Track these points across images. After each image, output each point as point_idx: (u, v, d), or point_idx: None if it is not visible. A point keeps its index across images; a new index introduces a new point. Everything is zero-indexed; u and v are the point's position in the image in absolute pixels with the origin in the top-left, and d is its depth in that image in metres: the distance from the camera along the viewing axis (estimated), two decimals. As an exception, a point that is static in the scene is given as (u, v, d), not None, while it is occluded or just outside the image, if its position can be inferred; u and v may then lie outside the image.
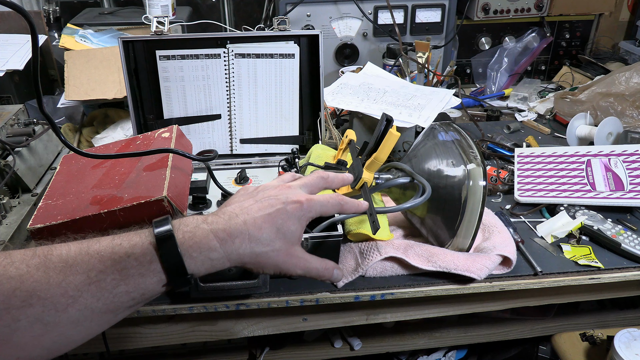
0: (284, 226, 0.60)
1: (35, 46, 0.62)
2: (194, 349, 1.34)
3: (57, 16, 1.76)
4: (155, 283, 0.54)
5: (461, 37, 1.76)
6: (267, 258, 0.60)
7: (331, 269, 0.68)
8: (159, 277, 0.54)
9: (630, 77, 1.36)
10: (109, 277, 0.52)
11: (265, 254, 0.59)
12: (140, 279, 0.53)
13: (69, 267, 0.51)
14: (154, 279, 0.54)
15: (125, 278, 0.52)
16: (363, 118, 1.25)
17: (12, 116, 1.20)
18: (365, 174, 0.82)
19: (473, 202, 0.86)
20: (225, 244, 0.57)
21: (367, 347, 1.35)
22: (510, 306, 1.04)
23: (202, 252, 0.56)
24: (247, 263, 0.60)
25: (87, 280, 0.51)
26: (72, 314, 0.50)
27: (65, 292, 0.50)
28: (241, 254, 0.58)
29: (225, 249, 0.57)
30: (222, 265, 0.58)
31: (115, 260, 0.52)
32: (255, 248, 0.59)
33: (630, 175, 1.05)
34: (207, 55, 1.11)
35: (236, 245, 0.57)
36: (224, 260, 0.58)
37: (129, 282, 0.52)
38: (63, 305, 0.50)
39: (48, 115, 0.70)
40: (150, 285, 0.54)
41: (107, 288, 0.52)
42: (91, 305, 0.51)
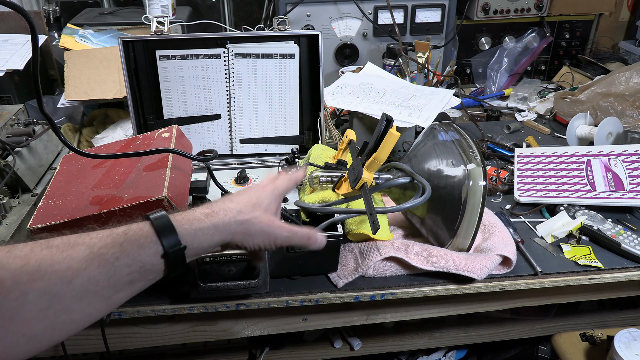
0: (259, 200, 0.67)
1: (35, 46, 0.63)
2: (194, 349, 1.34)
3: (57, 16, 1.76)
4: (153, 254, 0.57)
5: (461, 37, 1.76)
6: (252, 224, 0.64)
7: (314, 234, 0.71)
8: (155, 248, 0.57)
9: (630, 77, 1.36)
10: (109, 251, 0.55)
11: (249, 221, 0.64)
12: (139, 249, 0.56)
13: (71, 247, 0.54)
14: (151, 250, 0.57)
15: (125, 250, 0.55)
16: (363, 118, 1.25)
17: (12, 116, 1.20)
18: (365, 174, 0.82)
19: (473, 202, 0.86)
20: (210, 216, 0.62)
21: (367, 347, 1.35)
22: (510, 306, 1.04)
23: (192, 224, 0.60)
24: (235, 233, 0.63)
25: (90, 255, 0.54)
26: (76, 287, 0.52)
27: (70, 266, 0.52)
28: (227, 223, 0.62)
29: (210, 219, 0.61)
30: (212, 237, 0.61)
31: (114, 237, 0.56)
32: (238, 216, 0.63)
33: (630, 175, 1.05)
34: (207, 55, 1.11)
35: (221, 216, 0.62)
36: (213, 231, 0.61)
37: (128, 253, 0.55)
38: (69, 277, 0.52)
39: (48, 115, 0.70)
40: (148, 257, 0.57)
41: (109, 261, 0.54)
42: (94, 278, 0.53)
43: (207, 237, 0.61)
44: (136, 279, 0.57)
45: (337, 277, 0.91)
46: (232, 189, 1.00)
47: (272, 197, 0.69)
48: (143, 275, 0.57)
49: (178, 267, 0.59)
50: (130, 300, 0.85)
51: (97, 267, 0.54)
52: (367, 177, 0.82)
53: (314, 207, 0.88)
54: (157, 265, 0.58)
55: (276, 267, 0.88)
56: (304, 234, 0.69)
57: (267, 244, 0.66)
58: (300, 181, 0.79)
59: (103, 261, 0.54)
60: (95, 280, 0.53)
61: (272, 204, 0.68)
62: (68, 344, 0.92)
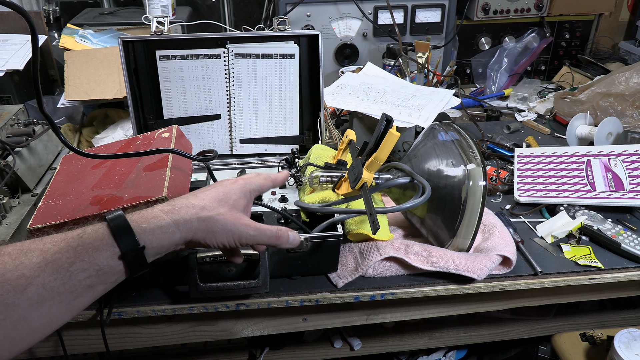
0: (226, 195, 0.65)
1: (35, 46, 0.62)
2: (194, 349, 1.34)
3: (57, 16, 1.76)
4: (109, 256, 0.55)
5: (461, 37, 1.76)
6: (215, 222, 0.62)
7: (285, 232, 0.69)
8: (112, 249, 0.55)
9: (630, 77, 1.36)
10: (63, 255, 0.53)
11: (212, 218, 0.62)
12: (94, 253, 0.54)
13: (24, 254, 0.53)
14: (107, 252, 0.55)
15: (79, 254, 0.54)
16: (363, 118, 1.25)
17: (12, 116, 1.20)
18: (365, 174, 0.82)
19: (473, 202, 0.86)
20: (171, 213, 0.60)
21: (367, 347, 1.35)
22: (510, 306, 1.04)
23: (150, 222, 0.58)
24: (197, 231, 0.61)
25: (44, 261, 0.52)
26: (31, 294, 0.51)
27: (22, 274, 0.51)
28: (187, 220, 0.60)
29: (171, 217, 0.60)
30: (172, 233, 0.59)
31: (68, 241, 0.54)
32: (200, 213, 0.61)
33: (630, 175, 1.05)
34: (207, 55, 1.11)
35: (182, 213, 0.60)
36: (173, 228, 0.59)
37: (83, 257, 0.54)
38: (22, 285, 0.51)
39: (48, 115, 0.70)
40: (105, 259, 0.55)
41: (63, 266, 0.53)
42: (49, 285, 0.52)
43: (166, 236, 0.59)
44: (95, 283, 0.55)
45: (337, 277, 0.91)
46: (232, 189, 1.00)
47: (241, 193, 0.67)
48: (102, 278, 0.56)
49: (139, 267, 0.58)
50: (130, 300, 0.86)
51: (52, 273, 0.52)
52: (367, 177, 0.82)
53: (314, 207, 0.88)
54: (116, 267, 0.56)
55: (276, 267, 0.88)
56: (272, 233, 0.67)
57: (231, 242, 0.64)
58: (280, 183, 0.77)
59: (57, 267, 0.52)
60: (50, 287, 0.52)
61: (240, 200, 0.66)
62: (68, 344, 0.92)
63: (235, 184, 0.68)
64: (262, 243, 0.67)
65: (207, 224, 0.62)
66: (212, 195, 0.64)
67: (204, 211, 0.62)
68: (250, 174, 0.73)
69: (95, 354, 1.26)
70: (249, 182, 0.69)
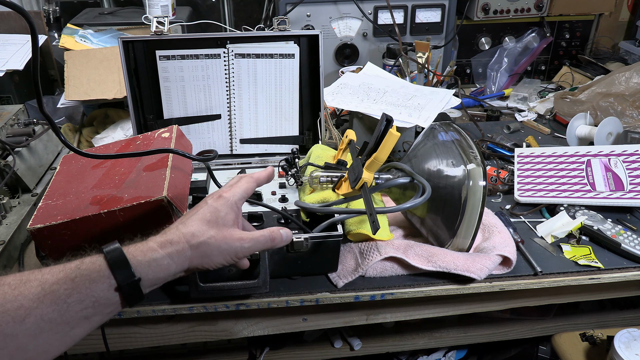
0: (213, 215, 0.65)
1: (35, 46, 0.62)
2: (194, 349, 1.34)
3: (57, 16, 1.76)
4: (106, 288, 0.57)
5: (461, 37, 1.76)
6: (208, 246, 0.63)
7: (277, 232, 0.70)
8: (109, 282, 0.57)
9: (630, 77, 1.36)
10: (61, 287, 0.54)
11: (204, 243, 0.63)
12: (91, 284, 0.56)
13: (23, 284, 0.54)
14: (104, 284, 0.57)
15: (77, 286, 0.55)
16: (363, 118, 1.25)
17: (12, 116, 1.20)
18: (365, 174, 0.82)
19: (473, 202, 0.86)
20: (164, 247, 0.61)
21: (367, 347, 1.35)
22: (510, 306, 1.04)
23: (145, 255, 0.60)
24: (193, 259, 0.63)
25: (42, 292, 0.53)
26: (29, 325, 0.52)
27: (21, 305, 0.52)
28: (181, 250, 0.62)
29: (165, 250, 0.61)
30: (167, 266, 0.61)
31: (66, 272, 0.56)
32: (192, 241, 0.62)
33: (630, 175, 1.05)
34: (207, 55, 1.11)
35: (174, 245, 0.62)
36: (168, 261, 0.61)
37: (80, 289, 0.55)
38: (21, 316, 0.52)
39: (48, 115, 0.70)
40: (101, 291, 0.56)
41: (61, 297, 0.54)
42: (47, 316, 0.53)
43: (162, 268, 0.61)
44: (91, 314, 0.56)
45: (337, 277, 0.91)
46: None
47: (227, 208, 0.67)
48: (98, 310, 0.57)
49: (135, 298, 0.59)
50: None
51: (50, 304, 0.53)
52: (367, 177, 0.82)
53: (314, 207, 0.88)
54: (112, 299, 0.58)
55: (276, 267, 0.88)
56: (266, 238, 0.68)
57: (228, 261, 0.65)
58: (265, 181, 0.76)
59: (55, 298, 0.54)
60: (48, 318, 0.53)
61: (228, 215, 0.66)
62: (68, 344, 0.92)
63: (219, 200, 0.67)
64: (259, 250, 0.68)
65: (200, 250, 0.63)
66: (199, 219, 0.65)
67: (195, 238, 0.63)
68: (232, 181, 0.72)
69: (95, 354, 1.26)
70: (233, 194, 0.69)
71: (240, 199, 0.70)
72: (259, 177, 0.75)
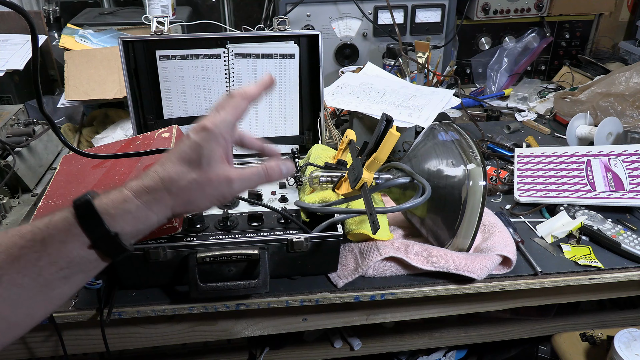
0: (195, 154, 0.56)
1: (35, 46, 0.62)
2: (194, 349, 1.34)
3: (57, 16, 1.76)
4: (79, 247, 0.52)
5: (461, 37, 1.76)
6: (190, 191, 0.55)
7: (273, 165, 0.60)
8: (81, 240, 0.52)
9: (630, 77, 1.36)
10: (30, 250, 0.50)
11: (186, 189, 0.55)
12: (61, 246, 0.51)
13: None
14: (76, 243, 0.52)
15: (46, 248, 0.51)
16: (363, 118, 1.25)
17: (12, 116, 1.20)
18: (365, 174, 0.82)
19: (473, 202, 0.86)
20: (140, 196, 0.54)
21: (367, 347, 1.35)
22: (510, 306, 1.04)
23: (118, 208, 0.53)
24: (175, 207, 0.56)
25: (9, 258, 0.50)
26: (2, 293, 0.49)
27: None
28: (159, 199, 0.55)
29: (141, 199, 0.54)
30: (146, 217, 0.54)
31: (35, 233, 0.51)
32: (171, 187, 0.55)
33: (630, 175, 1.05)
34: (207, 55, 1.11)
35: (152, 195, 0.55)
36: (145, 212, 0.54)
37: (51, 251, 0.51)
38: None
39: (48, 115, 0.70)
40: (74, 250, 0.52)
41: (30, 261, 0.50)
42: (18, 281, 0.50)
43: (140, 220, 0.54)
44: (70, 274, 0.52)
45: (337, 277, 0.91)
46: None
47: (212, 143, 0.56)
48: (77, 269, 0.52)
49: (117, 253, 0.54)
50: (130, 300, 0.86)
51: (19, 270, 0.50)
52: (367, 177, 0.82)
53: (314, 207, 0.88)
54: (89, 257, 0.53)
55: (276, 267, 0.88)
56: (259, 174, 0.59)
57: (215, 203, 0.58)
58: (255, 95, 0.63)
59: (24, 263, 0.50)
60: (19, 283, 0.50)
61: (213, 151, 0.56)
62: (68, 344, 0.92)
63: (202, 132, 0.56)
64: (253, 188, 0.59)
65: (181, 197, 0.55)
66: (179, 158, 0.56)
67: (174, 184, 0.55)
68: (219, 102, 0.60)
69: (95, 354, 1.26)
70: (218, 123, 0.57)
71: (228, 127, 0.58)
72: (250, 93, 0.62)
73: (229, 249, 0.83)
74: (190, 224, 0.88)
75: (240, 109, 0.60)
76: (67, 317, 0.86)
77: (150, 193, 0.54)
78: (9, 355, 0.95)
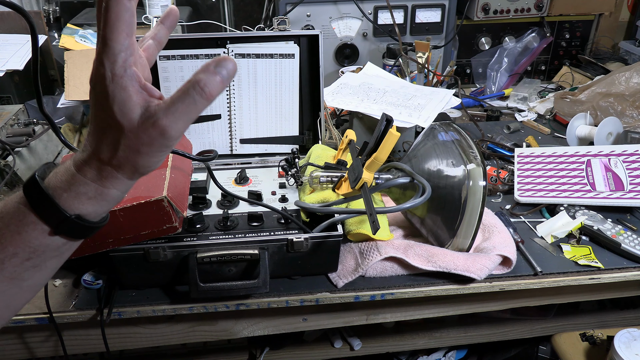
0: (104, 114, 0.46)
1: (35, 46, 0.62)
2: (194, 349, 1.34)
3: (57, 16, 1.76)
4: (39, 234, 0.47)
5: (461, 37, 1.76)
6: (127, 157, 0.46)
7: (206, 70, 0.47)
8: (39, 227, 0.47)
9: (630, 77, 1.36)
10: None
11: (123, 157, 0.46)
12: (18, 236, 0.47)
13: None
14: (34, 232, 0.47)
15: (3, 240, 0.46)
16: (363, 118, 1.25)
17: (12, 116, 1.20)
18: (365, 174, 0.82)
19: (473, 202, 0.86)
20: (86, 173, 0.47)
21: (367, 347, 1.35)
22: (510, 306, 1.04)
23: (71, 189, 0.47)
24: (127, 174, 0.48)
25: None
26: None
27: None
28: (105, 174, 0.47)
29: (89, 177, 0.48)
30: (102, 193, 0.48)
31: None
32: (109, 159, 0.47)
33: (630, 175, 1.05)
34: (207, 55, 1.11)
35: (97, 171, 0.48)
36: (100, 188, 0.48)
37: (8, 244, 0.47)
38: None
39: (48, 115, 0.70)
40: (34, 238, 0.47)
41: None
42: None
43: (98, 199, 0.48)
44: (39, 262, 0.48)
45: (337, 277, 0.91)
46: (232, 189, 1.00)
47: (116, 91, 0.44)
48: (45, 256, 0.48)
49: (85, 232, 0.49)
50: (130, 300, 0.86)
51: None
52: (367, 177, 0.82)
53: (314, 207, 0.88)
54: (55, 242, 0.48)
55: (276, 267, 0.88)
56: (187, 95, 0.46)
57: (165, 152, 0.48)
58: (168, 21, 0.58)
59: None
60: None
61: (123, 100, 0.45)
62: (68, 344, 0.92)
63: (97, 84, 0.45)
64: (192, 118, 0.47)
65: (125, 166, 0.47)
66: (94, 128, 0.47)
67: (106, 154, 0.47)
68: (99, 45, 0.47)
69: (95, 354, 1.26)
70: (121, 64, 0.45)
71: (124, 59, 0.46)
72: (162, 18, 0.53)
73: (229, 249, 0.83)
74: (190, 224, 0.89)
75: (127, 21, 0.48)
76: (67, 317, 0.86)
77: (94, 169, 0.47)
78: (9, 355, 0.95)
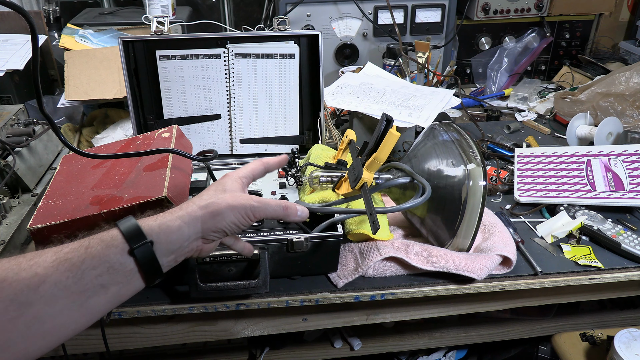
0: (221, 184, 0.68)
1: (35, 46, 0.62)
2: (194, 349, 1.34)
3: (57, 16, 1.76)
4: (118, 252, 0.57)
5: (461, 37, 1.76)
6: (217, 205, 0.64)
7: (292, 204, 0.71)
8: (121, 246, 0.57)
9: (630, 77, 1.36)
10: (75, 254, 0.55)
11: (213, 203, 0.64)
12: (103, 250, 0.57)
13: (38, 255, 0.55)
14: (116, 248, 0.57)
15: (90, 252, 0.56)
16: (363, 118, 1.25)
17: (12, 116, 1.20)
18: (365, 174, 0.82)
19: (473, 202, 0.86)
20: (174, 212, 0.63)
21: (367, 347, 1.35)
22: (510, 306, 1.04)
23: (156, 219, 0.61)
24: (204, 219, 0.63)
25: (57, 260, 0.54)
26: (44, 292, 0.52)
27: (36, 273, 0.53)
28: (191, 212, 0.63)
29: (175, 213, 0.63)
30: (179, 229, 0.62)
31: (81, 242, 0.57)
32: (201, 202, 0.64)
33: (630, 175, 1.05)
34: (207, 55, 1.11)
35: (184, 207, 0.64)
36: (179, 222, 0.62)
37: (94, 255, 0.56)
38: (35, 284, 0.52)
39: (48, 115, 0.70)
40: (113, 255, 0.57)
41: (75, 264, 0.54)
42: (62, 283, 0.53)
43: (173, 230, 0.61)
44: (107, 282, 0.56)
45: (337, 277, 0.91)
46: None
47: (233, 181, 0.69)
48: (114, 277, 0.57)
49: (151, 267, 0.59)
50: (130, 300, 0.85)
51: (64, 271, 0.54)
52: (367, 177, 0.82)
53: (314, 207, 0.87)
54: (127, 265, 0.57)
55: (276, 267, 0.88)
56: (278, 204, 0.69)
57: (241, 220, 0.66)
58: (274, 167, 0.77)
59: (70, 265, 0.54)
60: (62, 284, 0.53)
61: (234, 184, 0.68)
62: (68, 344, 0.91)
63: (226, 176, 0.70)
64: (270, 214, 0.68)
65: (210, 209, 0.64)
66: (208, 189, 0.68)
67: (203, 200, 0.65)
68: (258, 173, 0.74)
69: (95, 354, 1.26)
70: (237, 171, 0.71)
71: (245, 176, 0.71)
72: (268, 162, 0.76)
73: (229, 249, 0.83)
74: (190, 224, 0.88)
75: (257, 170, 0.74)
76: (67, 317, 0.86)
77: (182, 209, 0.64)
78: (9, 355, 0.95)
